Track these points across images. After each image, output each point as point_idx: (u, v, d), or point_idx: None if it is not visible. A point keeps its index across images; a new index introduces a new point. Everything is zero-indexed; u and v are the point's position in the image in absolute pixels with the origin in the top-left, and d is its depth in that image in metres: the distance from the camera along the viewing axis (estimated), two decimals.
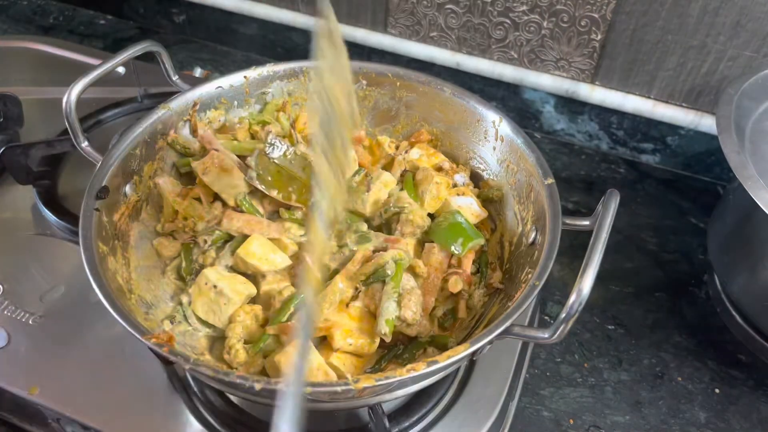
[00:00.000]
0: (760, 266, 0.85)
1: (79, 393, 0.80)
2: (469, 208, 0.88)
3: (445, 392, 0.81)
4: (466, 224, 0.84)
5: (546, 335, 0.63)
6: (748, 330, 0.94)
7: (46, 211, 0.99)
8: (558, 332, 0.62)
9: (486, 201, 0.91)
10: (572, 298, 0.60)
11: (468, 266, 0.83)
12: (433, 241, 0.84)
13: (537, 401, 0.88)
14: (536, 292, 0.68)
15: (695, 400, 0.89)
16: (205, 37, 1.51)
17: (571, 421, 0.86)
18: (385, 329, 0.73)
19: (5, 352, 0.83)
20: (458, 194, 0.91)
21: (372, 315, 0.77)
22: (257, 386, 0.59)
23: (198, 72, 1.31)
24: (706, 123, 1.14)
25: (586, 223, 0.74)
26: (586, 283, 0.60)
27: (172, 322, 0.76)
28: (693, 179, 1.22)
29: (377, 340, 0.75)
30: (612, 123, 1.22)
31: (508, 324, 0.64)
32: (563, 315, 0.61)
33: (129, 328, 0.63)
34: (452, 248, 0.82)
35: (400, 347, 0.77)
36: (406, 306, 0.75)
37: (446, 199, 0.89)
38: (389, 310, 0.74)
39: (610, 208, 0.68)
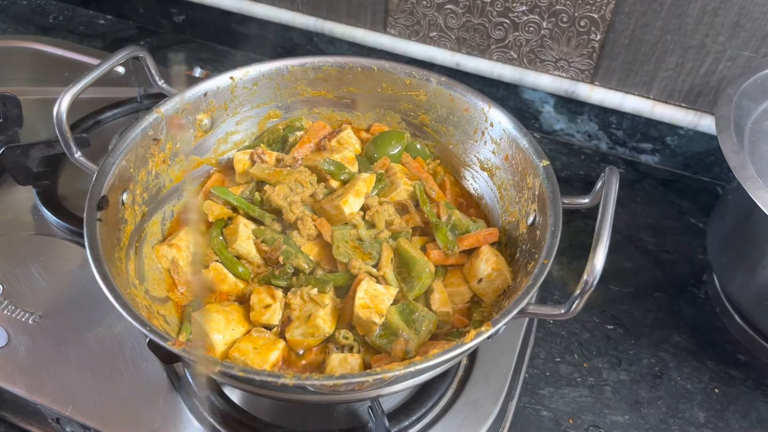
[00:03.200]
0: (759, 266, 0.85)
1: (79, 393, 0.80)
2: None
3: (445, 391, 0.81)
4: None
5: (561, 311, 0.64)
6: (747, 330, 0.95)
7: (46, 211, 1.00)
8: (573, 307, 0.62)
9: (483, 198, 0.91)
10: (586, 273, 0.61)
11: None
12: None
13: (536, 401, 0.88)
14: (547, 269, 0.68)
15: (694, 399, 0.89)
16: (205, 37, 1.51)
17: (571, 421, 0.86)
18: None
19: (5, 352, 0.83)
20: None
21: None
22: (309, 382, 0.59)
23: (198, 72, 1.30)
24: (706, 123, 1.14)
25: (586, 200, 0.75)
26: (599, 257, 0.61)
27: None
28: (692, 179, 1.22)
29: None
30: (611, 123, 1.22)
31: (525, 303, 0.65)
32: (578, 291, 0.61)
33: (160, 341, 0.63)
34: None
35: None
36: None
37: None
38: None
39: (612, 182, 0.68)
